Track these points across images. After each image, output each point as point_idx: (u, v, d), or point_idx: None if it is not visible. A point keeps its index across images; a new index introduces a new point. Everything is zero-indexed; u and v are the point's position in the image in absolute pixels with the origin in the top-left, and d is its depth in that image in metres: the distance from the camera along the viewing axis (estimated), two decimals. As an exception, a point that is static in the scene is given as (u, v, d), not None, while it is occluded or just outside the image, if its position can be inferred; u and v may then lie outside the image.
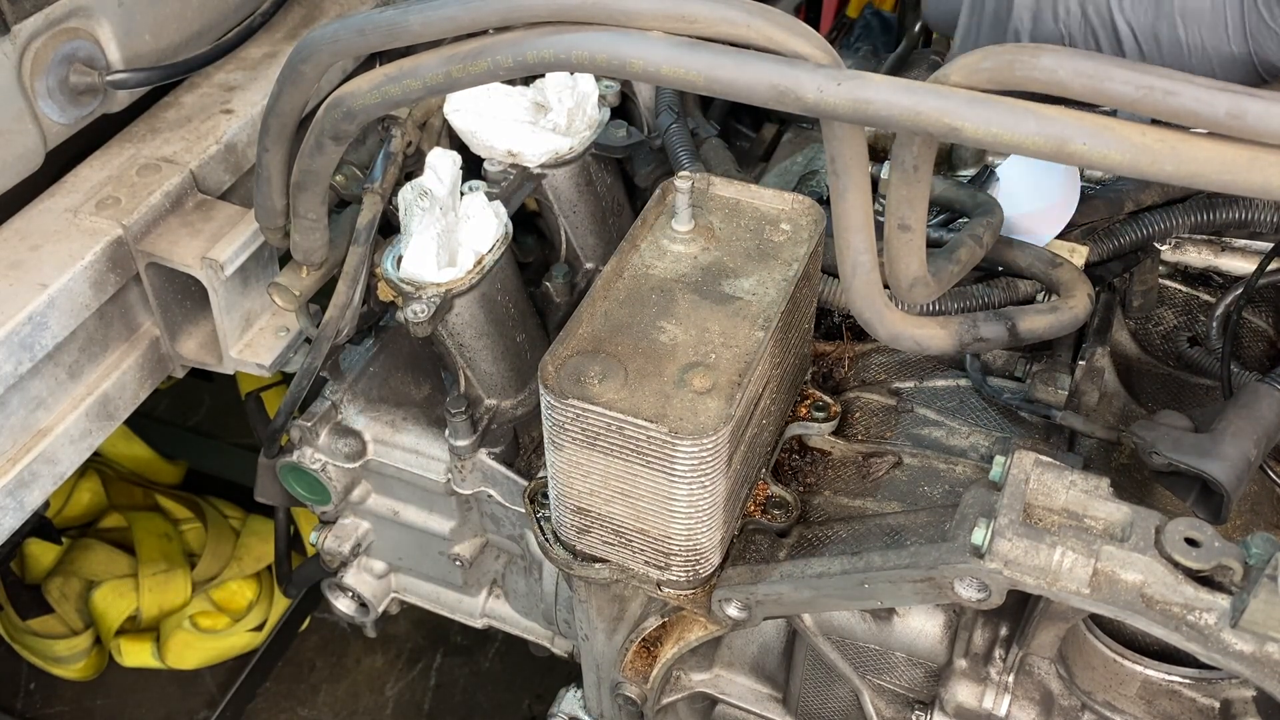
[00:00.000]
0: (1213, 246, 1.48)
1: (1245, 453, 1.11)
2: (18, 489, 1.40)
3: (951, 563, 1.05)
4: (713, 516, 1.15)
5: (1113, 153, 0.86)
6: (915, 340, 1.17)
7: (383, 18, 1.10)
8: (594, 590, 1.32)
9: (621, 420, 1.07)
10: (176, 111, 1.61)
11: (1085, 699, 1.21)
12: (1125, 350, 1.45)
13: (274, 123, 1.27)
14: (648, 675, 1.39)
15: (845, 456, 1.36)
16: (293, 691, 2.80)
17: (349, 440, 1.62)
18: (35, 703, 2.75)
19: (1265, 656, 0.95)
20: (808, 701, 1.44)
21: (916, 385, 1.42)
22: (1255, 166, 0.85)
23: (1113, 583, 1.00)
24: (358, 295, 1.44)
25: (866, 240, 1.07)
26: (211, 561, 2.76)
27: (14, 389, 1.37)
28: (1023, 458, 1.07)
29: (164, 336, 1.57)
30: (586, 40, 0.99)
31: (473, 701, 2.78)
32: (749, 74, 0.95)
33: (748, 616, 1.24)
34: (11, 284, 1.35)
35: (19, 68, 1.38)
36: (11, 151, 1.41)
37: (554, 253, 1.70)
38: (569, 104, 1.57)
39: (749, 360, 1.12)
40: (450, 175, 1.39)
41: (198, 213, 1.51)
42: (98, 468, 2.88)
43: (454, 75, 1.07)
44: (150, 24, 1.53)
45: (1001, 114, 0.89)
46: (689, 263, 1.24)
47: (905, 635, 1.29)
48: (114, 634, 2.69)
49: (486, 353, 1.49)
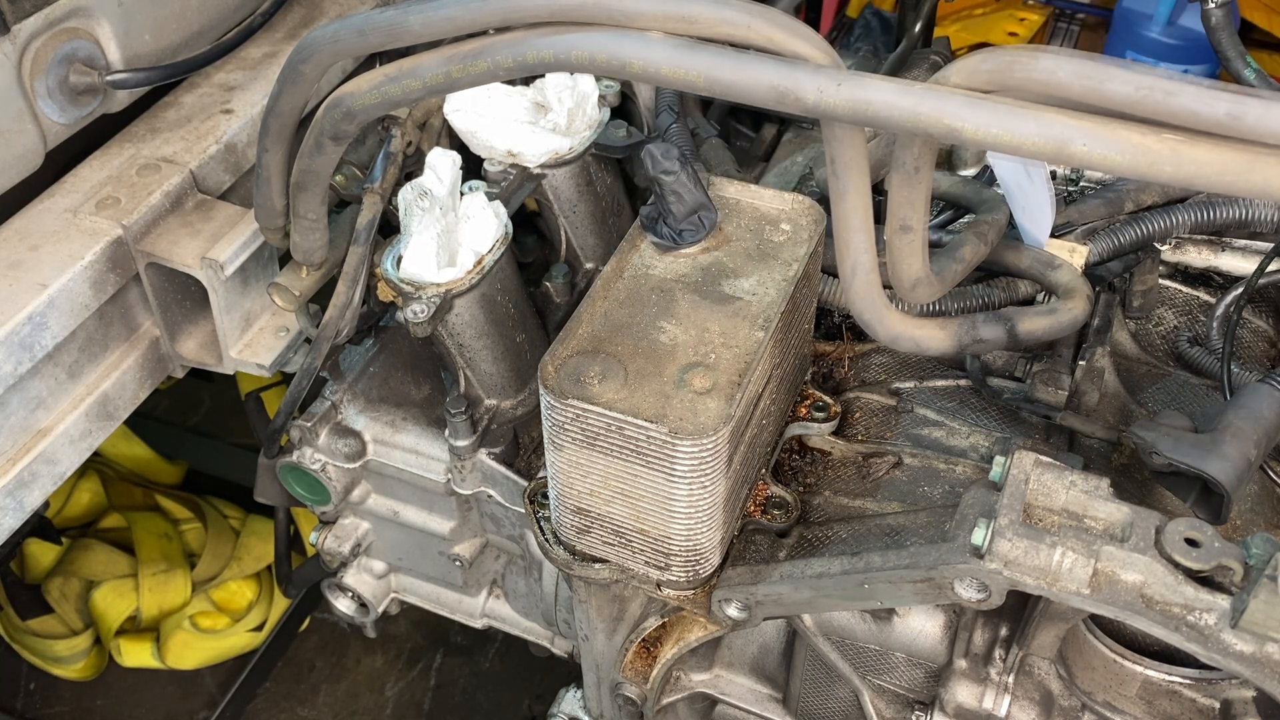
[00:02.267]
0: (1213, 246, 1.48)
1: (1245, 453, 1.11)
2: (18, 489, 1.40)
3: (951, 563, 1.05)
4: (713, 517, 1.15)
5: (1113, 154, 0.86)
6: (915, 341, 1.17)
7: (383, 18, 1.10)
8: (594, 590, 1.32)
9: (621, 420, 1.07)
10: (176, 111, 1.61)
11: (1085, 699, 1.21)
12: (1125, 350, 1.45)
13: (274, 123, 1.27)
14: (648, 675, 1.39)
15: (845, 457, 1.36)
16: (293, 691, 2.80)
17: (349, 440, 1.62)
18: (35, 703, 2.75)
19: (1265, 657, 0.95)
20: (808, 702, 1.44)
21: (916, 385, 1.42)
22: (1255, 168, 0.85)
23: (1113, 583, 1.00)
24: (357, 295, 1.44)
25: (866, 241, 1.07)
26: (211, 561, 2.76)
27: (14, 389, 1.37)
28: (1023, 458, 1.07)
29: (164, 336, 1.57)
30: (586, 41, 0.99)
31: (473, 701, 2.78)
32: (749, 75, 0.95)
33: (747, 617, 1.24)
34: (11, 284, 1.35)
35: (19, 68, 1.38)
36: (11, 151, 1.41)
37: (554, 253, 1.70)
38: (569, 104, 1.57)
39: (749, 360, 1.12)
40: (450, 175, 1.39)
41: (198, 213, 1.51)
42: (98, 468, 2.88)
43: (454, 75, 1.07)
44: (150, 24, 1.53)
45: (1001, 116, 0.89)
46: (689, 263, 1.24)
47: (905, 635, 1.29)
48: (114, 634, 2.69)
49: (486, 353, 1.49)
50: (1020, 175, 1.28)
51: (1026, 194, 1.30)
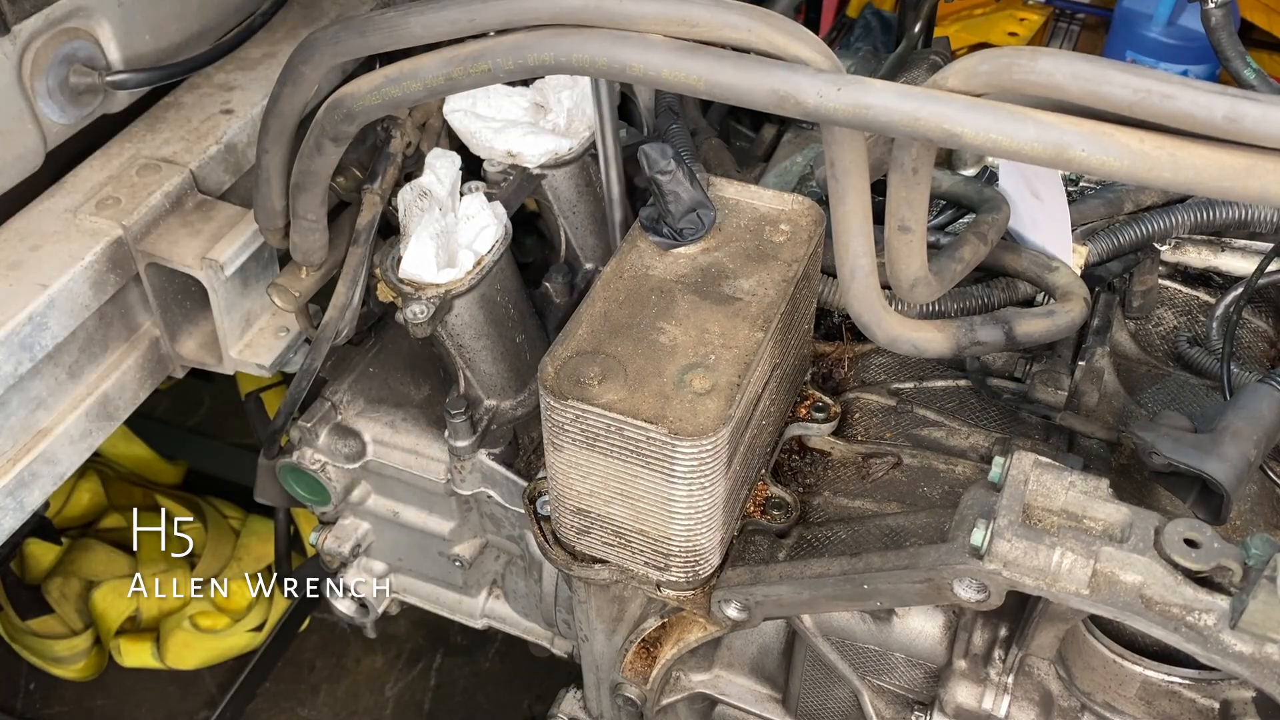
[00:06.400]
0: (1213, 246, 1.48)
1: (1245, 453, 1.11)
2: (18, 489, 1.40)
3: (951, 564, 1.05)
4: (712, 517, 1.15)
5: (1111, 159, 0.86)
6: (913, 343, 1.17)
7: (384, 19, 1.10)
8: (594, 591, 1.32)
9: (621, 421, 1.08)
10: (176, 111, 1.61)
11: (1085, 700, 1.21)
12: (1125, 350, 1.45)
13: (274, 123, 1.27)
14: (647, 676, 1.39)
15: (845, 457, 1.36)
16: (293, 691, 2.80)
17: (349, 441, 1.62)
18: (35, 703, 2.75)
19: (1264, 657, 0.95)
20: (807, 702, 1.44)
21: (916, 386, 1.42)
22: (1253, 173, 0.85)
23: (1112, 584, 1.00)
24: (357, 296, 1.44)
25: (865, 244, 1.07)
26: (211, 561, 2.76)
27: (14, 389, 1.37)
28: (1022, 458, 1.07)
29: (164, 337, 1.57)
30: (587, 43, 0.99)
31: (473, 702, 2.78)
32: (749, 79, 0.95)
33: (747, 617, 1.24)
34: (11, 284, 1.35)
35: (19, 68, 1.38)
36: (11, 151, 1.41)
37: (554, 253, 1.70)
38: (569, 104, 1.57)
39: (749, 361, 1.12)
40: (450, 176, 1.39)
41: (198, 213, 1.51)
42: (98, 468, 2.88)
43: (454, 77, 1.07)
44: (150, 24, 1.53)
45: (1000, 120, 0.89)
46: (689, 263, 1.24)
47: (905, 636, 1.29)
48: (114, 634, 2.69)
49: (486, 353, 1.49)
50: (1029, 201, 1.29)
51: (1038, 213, 1.30)
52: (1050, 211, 1.30)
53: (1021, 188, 1.30)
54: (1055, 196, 1.29)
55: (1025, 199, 1.30)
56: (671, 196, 1.22)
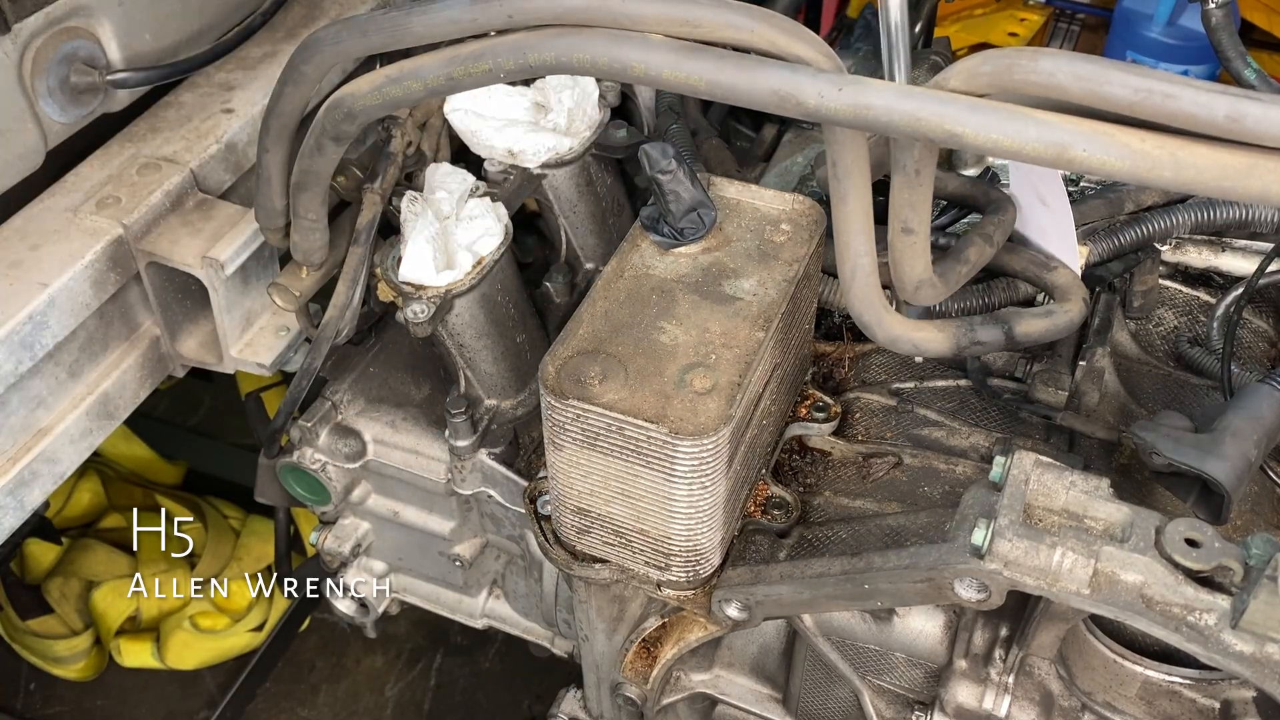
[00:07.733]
0: (1213, 246, 1.49)
1: (1245, 453, 1.11)
2: (18, 488, 1.40)
3: (951, 563, 1.05)
4: (713, 517, 1.15)
5: (1112, 159, 0.86)
6: (913, 343, 1.17)
7: (385, 19, 1.10)
8: (594, 591, 1.32)
9: (622, 421, 1.08)
10: (177, 111, 1.61)
11: (1085, 700, 1.22)
12: (1125, 350, 1.45)
13: (275, 123, 1.27)
14: (648, 676, 1.39)
15: (845, 457, 1.36)
16: (293, 691, 2.80)
17: (349, 440, 1.62)
18: (35, 703, 2.75)
19: (1265, 657, 0.95)
20: (808, 702, 1.44)
21: (917, 386, 1.42)
22: (1254, 173, 0.85)
23: (1113, 583, 1.00)
24: (357, 295, 1.44)
25: (866, 245, 1.07)
26: (211, 561, 2.76)
27: (14, 388, 1.37)
28: (1023, 458, 1.07)
29: (164, 336, 1.57)
30: (589, 43, 0.99)
31: (473, 701, 2.78)
32: (750, 79, 0.95)
33: (748, 617, 1.24)
34: (11, 283, 1.35)
35: (19, 67, 1.38)
36: (12, 151, 1.40)
37: (554, 253, 1.70)
38: (569, 104, 1.57)
39: (749, 361, 1.12)
40: (460, 191, 1.40)
41: (198, 212, 1.51)
42: (98, 468, 2.88)
43: (455, 77, 1.07)
44: (150, 23, 1.53)
45: (1002, 120, 0.89)
46: (689, 263, 1.24)
47: (905, 636, 1.30)
48: (114, 634, 2.69)
49: (486, 353, 1.49)
50: (1038, 208, 1.28)
51: (1045, 220, 1.30)
52: (1057, 219, 1.30)
53: (1030, 195, 1.30)
54: (1061, 205, 1.29)
55: (1034, 206, 1.30)
56: (672, 196, 1.22)
